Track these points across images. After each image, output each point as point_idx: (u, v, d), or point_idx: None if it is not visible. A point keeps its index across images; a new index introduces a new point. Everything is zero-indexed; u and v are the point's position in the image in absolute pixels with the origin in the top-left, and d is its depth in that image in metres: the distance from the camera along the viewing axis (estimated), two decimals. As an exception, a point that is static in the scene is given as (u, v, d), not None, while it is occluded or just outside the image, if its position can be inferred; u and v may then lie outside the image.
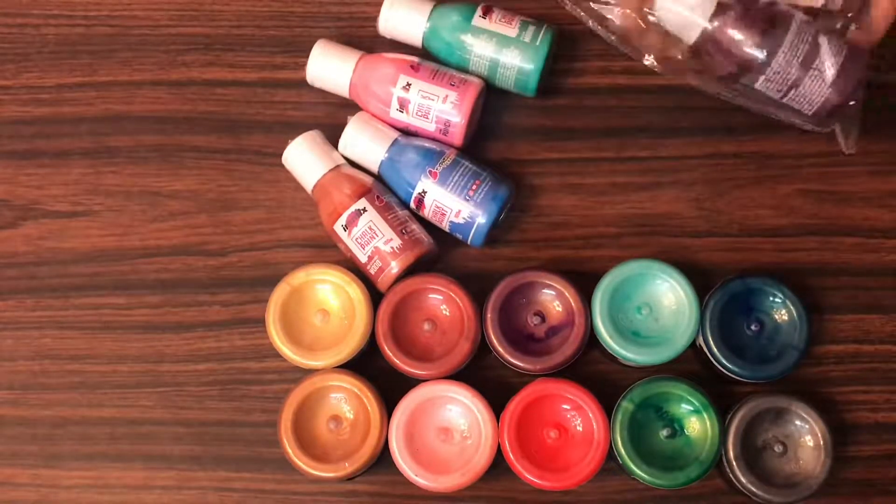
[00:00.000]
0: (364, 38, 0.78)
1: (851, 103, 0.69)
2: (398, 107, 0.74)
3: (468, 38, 0.74)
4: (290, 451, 0.71)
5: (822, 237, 0.77)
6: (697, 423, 0.72)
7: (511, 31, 0.74)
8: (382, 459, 0.72)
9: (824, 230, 0.77)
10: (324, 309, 0.74)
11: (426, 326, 0.73)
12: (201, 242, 0.77)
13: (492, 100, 0.77)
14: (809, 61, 0.67)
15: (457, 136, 0.74)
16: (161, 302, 0.77)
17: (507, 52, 0.74)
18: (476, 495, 0.74)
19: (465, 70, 0.75)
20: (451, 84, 0.74)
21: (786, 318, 0.73)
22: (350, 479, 0.73)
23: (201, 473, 0.75)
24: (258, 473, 0.75)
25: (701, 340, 0.72)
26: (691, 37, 0.69)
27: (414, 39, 0.76)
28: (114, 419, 0.76)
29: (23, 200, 0.78)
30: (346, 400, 0.73)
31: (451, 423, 0.73)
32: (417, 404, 0.72)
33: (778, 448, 0.71)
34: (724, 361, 0.71)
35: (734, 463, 0.71)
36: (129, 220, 0.78)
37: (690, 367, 0.75)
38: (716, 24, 0.68)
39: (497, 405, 0.72)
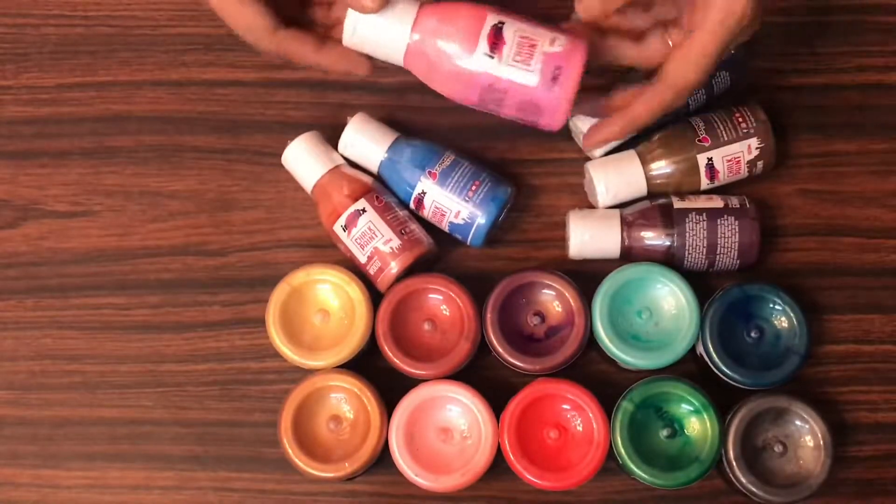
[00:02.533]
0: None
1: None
2: (487, 49, 0.63)
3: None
4: (290, 451, 0.71)
5: (821, 237, 0.77)
6: (697, 424, 0.72)
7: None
8: (382, 459, 0.72)
9: (824, 230, 0.77)
10: (324, 309, 0.74)
11: (426, 326, 0.73)
12: (201, 242, 0.77)
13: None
14: None
15: (568, 86, 0.63)
16: (161, 302, 0.77)
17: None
18: (476, 495, 0.74)
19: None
20: (555, 28, 0.64)
21: (785, 324, 0.73)
22: (350, 479, 0.73)
23: (201, 473, 0.75)
24: (258, 473, 0.75)
25: (701, 349, 0.72)
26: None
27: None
28: (114, 419, 0.76)
29: (23, 200, 0.78)
30: (346, 400, 0.73)
31: (451, 423, 0.72)
32: (417, 404, 0.72)
33: (778, 448, 0.71)
34: (725, 369, 0.71)
35: (734, 463, 0.70)
36: (128, 220, 0.78)
37: (690, 372, 0.75)
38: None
39: (497, 405, 0.72)
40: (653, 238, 0.73)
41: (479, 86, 0.64)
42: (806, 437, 0.72)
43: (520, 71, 0.63)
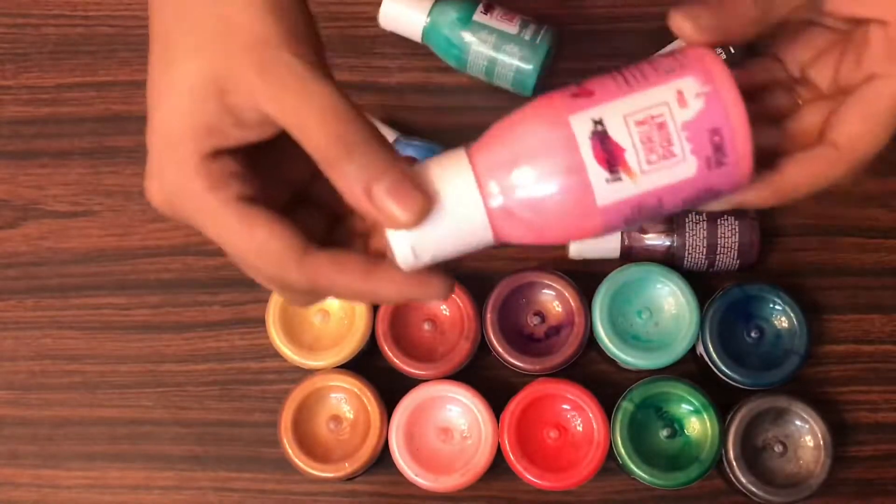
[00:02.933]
0: (364, 38, 0.78)
1: None
2: (606, 173, 0.41)
3: (467, 35, 0.74)
4: (289, 451, 0.71)
5: (821, 237, 0.77)
6: (697, 424, 0.72)
7: (511, 28, 0.74)
8: (382, 459, 0.72)
9: (824, 230, 0.77)
10: (323, 309, 0.74)
11: (426, 326, 0.73)
12: (201, 242, 0.77)
13: (492, 100, 0.77)
14: None
15: (739, 143, 0.42)
16: (161, 302, 0.77)
17: (505, 50, 0.74)
18: (476, 495, 0.74)
19: (462, 67, 0.75)
20: (666, 71, 0.43)
21: (785, 324, 0.73)
22: (350, 479, 0.73)
23: (201, 473, 0.75)
24: (258, 473, 0.75)
25: (701, 349, 0.72)
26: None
27: (414, 34, 0.76)
28: (114, 419, 0.76)
29: (23, 200, 0.78)
30: (346, 400, 0.73)
31: (451, 423, 0.72)
32: (417, 404, 0.72)
33: (778, 448, 0.71)
34: (725, 369, 0.71)
35: (734, 463, 0.70)
36: (128, 220, 0.78)
37: (690, 372, 0.75)
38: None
39: (497, 405, 0.72)
40: (653, 238, 0.73)
41: (620, 216, 0.43)
42: (806, 437, 0.72)
43: (665, 171, 0.42)
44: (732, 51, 0.64)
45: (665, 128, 0.41)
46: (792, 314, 0.72)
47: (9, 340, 0.77)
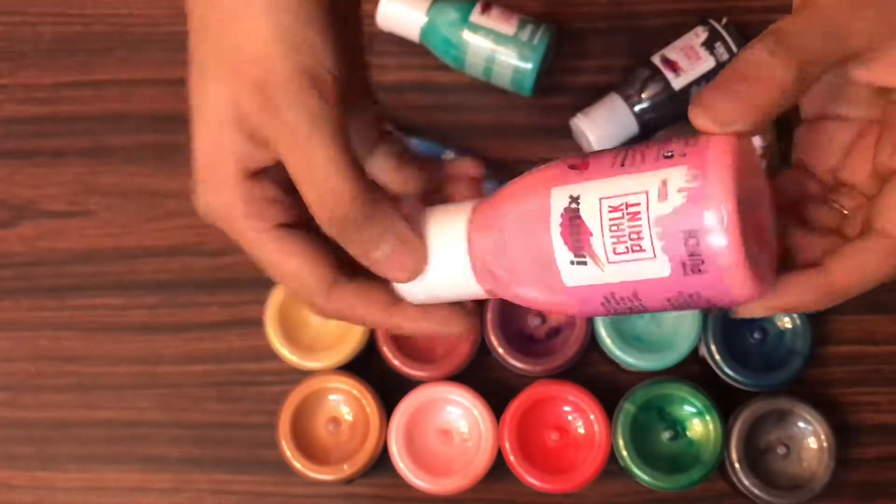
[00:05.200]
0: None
1: None
2: (571, 255, 0.39)
3: (465, 34, 0.74)
4: (288, 453, 0.71)
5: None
6: (700, 426, 0.71)
7: (509, 28, 0.74)
8: (382, 462, 0.72)
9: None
10: (322, 310, 0.73)
11: (426, 327, 0.73)
12: (199, 242, 0.77)
13: (491, 98, 0.77)
14: None
15: (723, 265, 0.37)
16: (158, 302, 0.76)
17: (503, 50, 0.73)
18: (476, 498, 0.74)
19: (460, 67, 0.75)
20: (666, 155, 0.38)
21: (788, 325, 0.72)
22: (349, 481, 0.73)
23: (199, 476, 0.75)
24: (256, 476, 0.75)
25: (703, 350, 0.72)
26: None
27: (412, 34, 0.75)
28: (111, 421, 0.75)
29: (19, 200, 0.78)
30: (345, 402, 0.73)
31: (451, 425, 0.72)
32: (417, 406, 0.71)
33: (781, 450, 0.71)
34: (727, 371, 0.71)
35: (737, 465, 0.70)
36: (126, 219, 0.77)
37: (692, 374, 0.74)
38: None
39: (497, 407, 0.71)
40: None
41: (595, 301, 0.40)
42: (809, 438, 0.71)
43: (634, 266, 0.38)
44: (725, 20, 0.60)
45: (637, 219, 0.37)
46: (795, 315, 0.72)
47: (5, 341, 0.76)
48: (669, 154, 0.38)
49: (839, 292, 0.42)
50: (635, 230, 0.37)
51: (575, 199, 0.39)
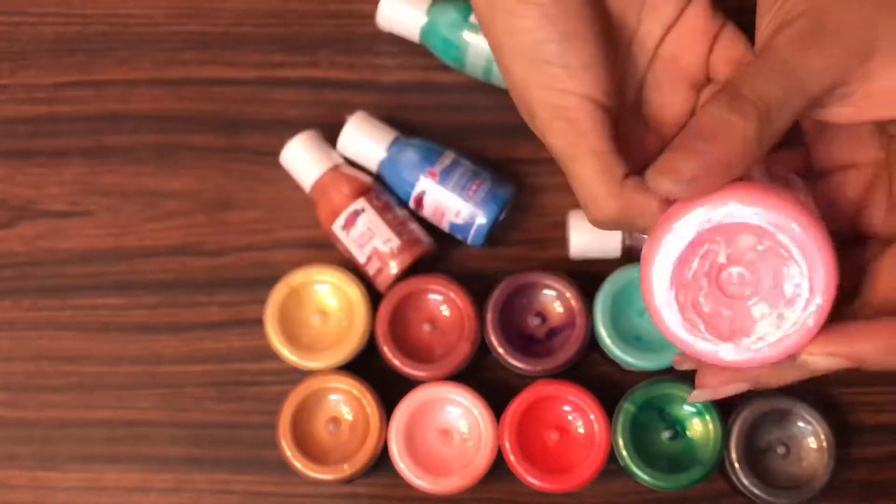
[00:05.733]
0: (363, 37, 0.78)
1: None
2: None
3: (465, 35, 0.74)
4: (288, 453, 0.71)
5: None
6: (700, 425, 0.71)
7: None
8: (382, 461, 0.72)
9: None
10: (322, 310, 0.73)
11: (426, 327, 0.73)
12: (199, 242, 0.77)
13: (491, 98, 0.77)
14: None
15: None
16: (158, 302, 0.76)
17: None
18: (476, 498, 0.74)
19: (461, 67, 0.75)
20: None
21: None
22: (349, 481, 0.73)
23: (199, 476, 0.75)
24: (256, 476, 0.75)
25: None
26: None
27: (412, 34, 0.75)
28: (111, 421, 0.75)
29: (19, 200, 0.78)
30: (345, 401, 0.73)
31: (451, 424, 0.72)
32: (417, 406, 0.71)
33: (781, 450, 0.71)
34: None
35: (737, 465, 0.70)
36: (126, 219, 0.77)
37: (692, 374, 0.74)
38: None
39: (497, 407, 0.71)
40: None
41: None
42: (809, 438, 0.71)
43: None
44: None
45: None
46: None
47: (5, 341, 0.76)
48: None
49: (861, 363, 0.42)
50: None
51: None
